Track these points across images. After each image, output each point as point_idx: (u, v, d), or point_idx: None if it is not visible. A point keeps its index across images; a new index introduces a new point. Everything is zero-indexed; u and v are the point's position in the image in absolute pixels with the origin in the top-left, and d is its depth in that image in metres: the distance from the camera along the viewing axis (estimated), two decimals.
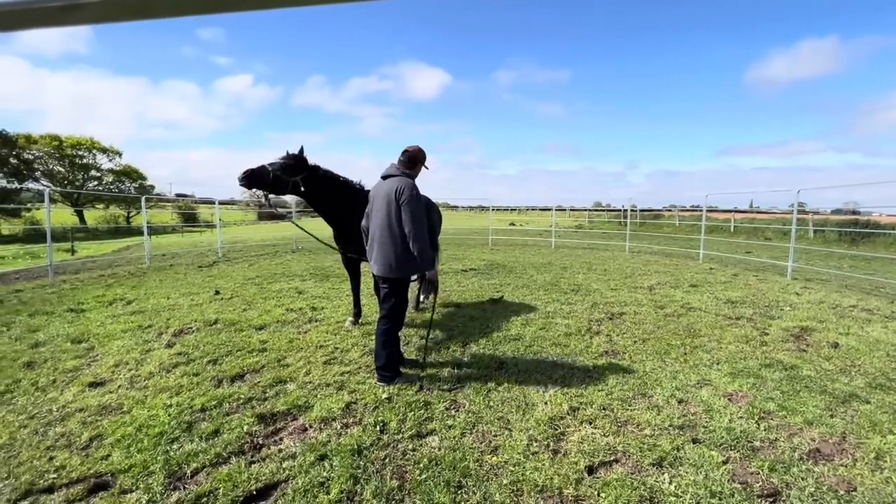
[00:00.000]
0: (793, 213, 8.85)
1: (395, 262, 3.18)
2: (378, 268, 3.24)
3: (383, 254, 3.20)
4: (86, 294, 6.39)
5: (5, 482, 2.20)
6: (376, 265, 3.25)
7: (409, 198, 3.09)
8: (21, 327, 4.72)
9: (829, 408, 2.99)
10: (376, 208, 3.26)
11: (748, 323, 5.06)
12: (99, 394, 3.16)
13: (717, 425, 2.74)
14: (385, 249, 3.19)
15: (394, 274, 3.21)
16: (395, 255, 3.17)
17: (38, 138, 27.92)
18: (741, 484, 2.20)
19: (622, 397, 3.11)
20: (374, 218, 3.29)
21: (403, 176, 3.24)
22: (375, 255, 3.25)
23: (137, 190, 31.80)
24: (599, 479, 2.23)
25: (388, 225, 3.16)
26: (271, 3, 0.29)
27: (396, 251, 3.16)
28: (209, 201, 21.19)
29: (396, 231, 3.13)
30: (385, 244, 3.18)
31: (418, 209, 3.12)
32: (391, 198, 3.13)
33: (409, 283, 3.42)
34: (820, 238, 16.91)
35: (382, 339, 3.29)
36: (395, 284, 3.28)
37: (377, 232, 3.23)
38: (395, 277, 3.23)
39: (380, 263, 3.22)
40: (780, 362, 3.81)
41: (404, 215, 3.08)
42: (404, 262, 3.18)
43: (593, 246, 14.57)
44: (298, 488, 2.15)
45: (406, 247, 3.14)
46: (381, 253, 3.21)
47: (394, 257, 3.17)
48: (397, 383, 3.27)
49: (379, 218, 3.22)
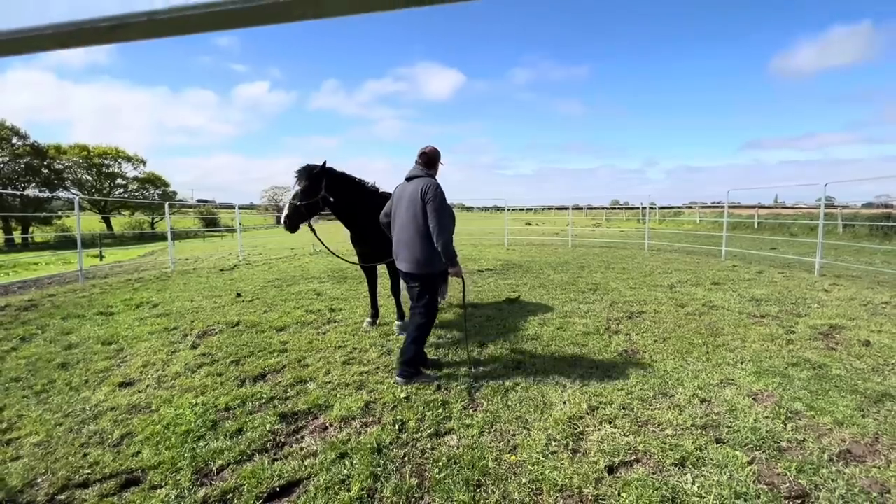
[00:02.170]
0: (820, 207, 8.57)
1: (424, 259, 3.25)
2: (406, 265, 3.31)
3: (410, 251, 3.27)
4: (114, 298, 6.62)
5: (44, 477, 2.31)
6: (405, 263, 3.32)
7: (434, 195, 3.20)
8: (55, 330, 4.92)
9: (861, 408, 2.89)
10: (401, 208, 3.34)
11: (774, 321, 4.92)
12: (128, 393, 3.27)
13: (741, 425, 2.68)
14: (412, 247, 3.26)
15: (423, 270, 3.28)
16: (423, 251, 3.24)
17: (68, 148, 29.04)
18: (767, 485, 2.15)
19: (642, 397, 3.07)
20: (398, 217, 3.37)
21: (427, 176, 3.34)
22: (403, 254, 3.33)
23: (161, 196, 32.76)
24: (620, 479, 2.21)
25: (414, 223, 3.24)
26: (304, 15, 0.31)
27: (423, 248, 3.24)
28: (229, 206, 21.68)
29: (423, 229, 3.22)
30: (412, 242, 3.26)
31: (443, 206, 3.22)
32: (416, 197, 3.22)
33: (438, 278, 3.46)
34: (850, 233, 16.31)
35: (415, 334, 3.35)
36: (425, 280, 3.34)
37: (403, 231, 3.31)
38: (425, 273, 3.30)
39: (408, 261, 3.29)
40: (808, 361, 3.70)
41: (429, 212, 3.18)
42: (431, 257, 3.26)
43: (611, 244, 14.37)
44: (320, 485, 2.19)
45: (432, 243, 3.22)
46: (409, 251, 3.28)
47: (421, 254, 3.24)
48: (416, 382, 3.30)
49: (405, 217, 3.29)
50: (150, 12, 0.31)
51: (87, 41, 0.34)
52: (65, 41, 0.34)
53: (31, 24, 0.32)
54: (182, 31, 0.33)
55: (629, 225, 25.97)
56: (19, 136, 25.48)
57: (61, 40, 0.34)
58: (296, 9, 0.31)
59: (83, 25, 0.32)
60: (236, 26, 0.33)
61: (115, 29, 0.32)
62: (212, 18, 0.31)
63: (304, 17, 0.32)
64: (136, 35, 0.34)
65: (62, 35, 0.33)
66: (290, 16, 0.32)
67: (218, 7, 0.30)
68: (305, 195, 3.89)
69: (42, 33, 0.32)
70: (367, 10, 0.32)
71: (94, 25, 0.32)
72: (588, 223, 29.30)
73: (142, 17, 0.31)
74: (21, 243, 23.16)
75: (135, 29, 0.32)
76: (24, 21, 0.32)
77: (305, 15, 0.32)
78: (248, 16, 0.31)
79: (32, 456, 2.49)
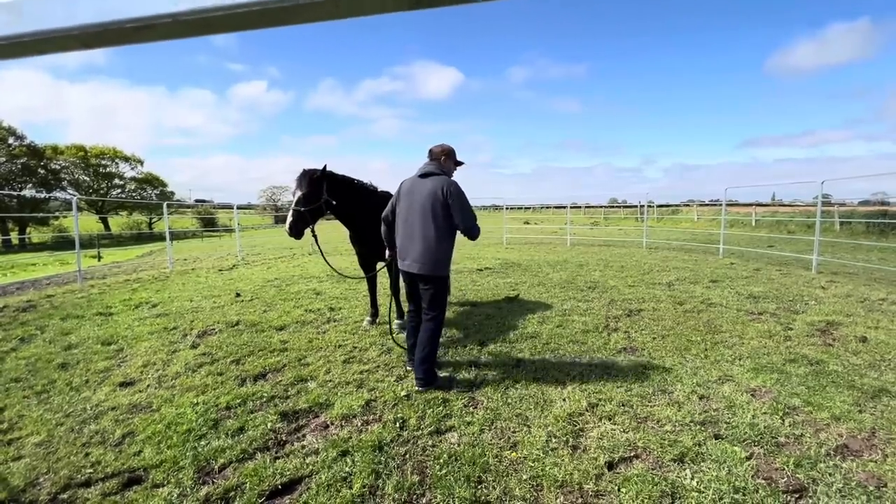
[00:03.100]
0: (817, 205, 8.61)
1: (443, 259, 3.17)
2: (421, 267, 3.13)
3: (427, 252, 3.12)
4: (113, 298, 6.61)
5: (46, 476, 2.31)
6: (419, 264, 3.14)
7: (458, 194, 3.12)
8: (54, 330, 4.91)
9: (858, 403, 2.92)
10: (415, 207, 3.17)
11: (771, 318, 4.95)
12: (129, 393, 3.28)
13: (739, 421, 2.70)
14: (429, 248, 3.12)
15: (440, 271, 3.18)
16: (443, 252, 3.15)
17: (65, 149, 28.91)
18: (765, 479, 2.17)
19: (642, 393, 3.09)
20: (409, 215, 3.20)
21: (444, 175, 3.23)
22: (418, 255, 3.15)
23: (159, 196, 32.67)
24: (620, 475, 2.23)
25: (434, 223, 3.10)
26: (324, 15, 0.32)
27: (443, 248, 3.15)
28: (227, 206, 21.65)
29: (443, 229, 3.12)
30: (428, 242, 3.12)
31: (466, 203, 3.17)
32: (438, 196, 3.09)
33: (448, 279, 3.47)
34: (846, 230, 16.39)
35: (434, 341, 3.23)
36: (441, 282, 3.23)
37: (418, 231, 3.14)
38: (442, 276, 3.22)
39: (424, 262, 3.13)
40: (806, 357, 3.72)
41: (454, 211, 3.10)
42: (447, 258, 3.22)
43: (609, 243, 14.40)
44: (322, 483, 2.20)
45: (450, 245, 3.20)
46: (425, 251, 3.12)
47: (441, 254, 3.14)
48: (436, 385, 3.24)
49: (420, 217, 3.14)
50: (174, 14, 0.32)
51: (112, 42, 0.35)
52: (90, 42, 0.35)
53: (59, 25, 0.33)
54: (205, 32, 0.34)
55: (627, 223, 26.02)
56: (16, 136, 25.40)
57: (86, 41, 0.35)
58: (316, 10, 0.32)
59: (109, 27, 0.33)
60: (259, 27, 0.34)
61: (139, 30, 0.33)
62: (235, 19, 0.32)
63: (323, 18, 0.33)
64: (160, 36, 0.35)
65: (87, 36, 0.34)
66: (311, 16, 0.33)
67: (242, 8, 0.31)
68: (308, 200, 3.88)
69: (69, 34, 0.34)
70: (381, 10, 0.33)
71: (119, 27, 0.33)
72: (586, 221, 29.34)
73: (166, 19, 0.32)
74: (18, 244, 23.09)
75: (159, 30, 0.33)
76: (51, 22, 0.33)
77: (325, 15, 0.33)
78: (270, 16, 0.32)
79: (34, 456, 2.50)
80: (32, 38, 0.33)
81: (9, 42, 0.34)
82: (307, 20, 0.33)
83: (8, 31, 0.33)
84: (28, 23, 0.33)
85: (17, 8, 0.33)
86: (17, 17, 0.33)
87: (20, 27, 0.33)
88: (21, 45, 0.34)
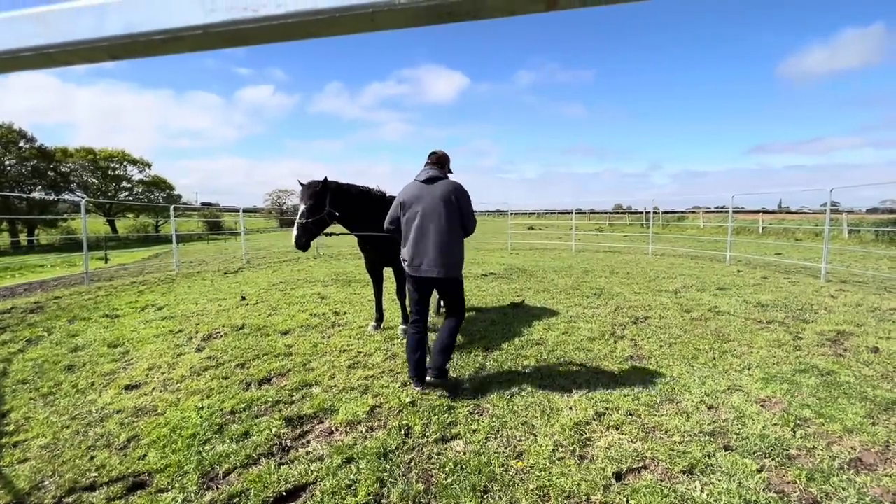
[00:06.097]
0: (825, 212, 8.54)
1: (459, 262, 3.29)
2: (441, 270, 3.15)
3: (445, 256, 3.15)
4: (120, 300, 6.65)
5: (51, 479, 2.31)
6: (438, 268, 3.15)
7: (467, 198, 3.29)
8: (61, 332, 4.94)
9: (871, 415, 2.87)
10: (429, 212, 3.18)
11: (780, 327, 4.89)
12: (134, 396, 3.28)
13: (749, 432, 2.66)
14: (447, 251, 3.16)
15: (457, 273, 3.29)
16: (459, 254, 3.28)
17: (74, 151, 29.25)
18: (777, 493, 2.13)
19: (649, 403, 3.05)
20: (421, 220, 3.20)
21: (448, 179, 3.37)
22: (434, 260, 3.16)
23: (166, 199, 32.94)
24: (628, 486, 2.20)
25: (448, 228, 3.16)
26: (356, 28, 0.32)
27: (458, 251, 3.27)
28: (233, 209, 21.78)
29: (458, 233, 3.25)
30: (447, 247, 3.16)
31: (471, 206, 3.34)
32: (450, 199, 3.18)
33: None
34: (855, 238, 16.22)
35: (454, 336, 3.37)
36: (459, 284, 3.37)
37: (436, 236, 3.16)
38: (459, 278, 3.36)
39: (443, 266, 3.15)
40: (816, 367, 3.67)
41: (464, 215, 3.26)
42: (462, 260, 3.33)
43: (615, 249, 14.34)
44: (326, 490, 2.18)
45: (463, 247, 3.31)
46: (443, 255, 3.15)
47: (457, 258, 3.26)
48: (447, 382, 3.32)
49: (436, 221, 3.16)
50: (206, 25, 0.31)
51: (140, 53, 0.34)
52: (118, 53, 0.34)
53: (87, 36, 0.33)
54: (238, 44, 0.33)
55: (633, 230, 25.92)
56: (26, 139, 25.71)
57: (114, 52, 0.34)
58: (352, 23, 0.31)
59: (137, 38, 0.33)
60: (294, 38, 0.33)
61: (167, 42, 0.33)
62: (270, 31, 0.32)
63: (358, 31, 0.32)
64: (190, 47, 0.34)
65: (115, 48, 0.34)
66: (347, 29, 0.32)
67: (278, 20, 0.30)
68: (311, 213, 3.88)
69: (96, 45, 0.33)
70: (415, 24, 0.33)
71: (147, 38, 0.33)
72: (592, 227, 29.25)
73: (197, 31, 0.32)
74: (27, 245, 23.32)
75: (188, 41, 0.33)
76: (79, 34, 0.33)
77: (361, 28, 0.32)
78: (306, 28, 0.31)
79: (39, 458, 2.50)
80: (60, 50, 0.33)
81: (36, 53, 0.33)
82: (343, 32, 0.32)
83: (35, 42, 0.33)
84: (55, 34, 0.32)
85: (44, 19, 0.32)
86: (43, 29, 0.32)
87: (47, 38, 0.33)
88: (47, 56, 0.34)
